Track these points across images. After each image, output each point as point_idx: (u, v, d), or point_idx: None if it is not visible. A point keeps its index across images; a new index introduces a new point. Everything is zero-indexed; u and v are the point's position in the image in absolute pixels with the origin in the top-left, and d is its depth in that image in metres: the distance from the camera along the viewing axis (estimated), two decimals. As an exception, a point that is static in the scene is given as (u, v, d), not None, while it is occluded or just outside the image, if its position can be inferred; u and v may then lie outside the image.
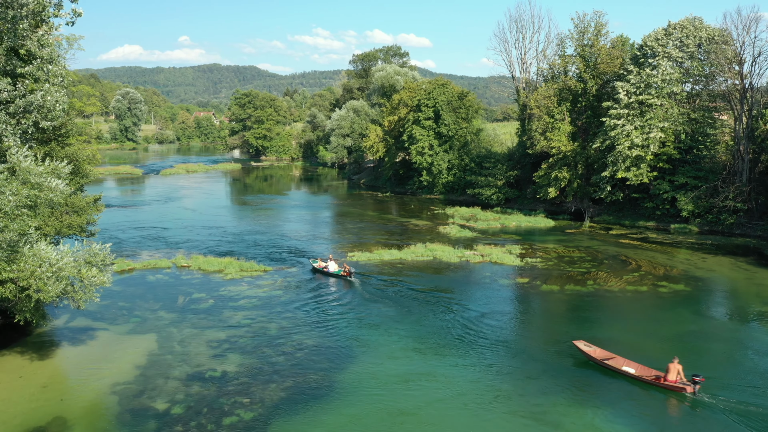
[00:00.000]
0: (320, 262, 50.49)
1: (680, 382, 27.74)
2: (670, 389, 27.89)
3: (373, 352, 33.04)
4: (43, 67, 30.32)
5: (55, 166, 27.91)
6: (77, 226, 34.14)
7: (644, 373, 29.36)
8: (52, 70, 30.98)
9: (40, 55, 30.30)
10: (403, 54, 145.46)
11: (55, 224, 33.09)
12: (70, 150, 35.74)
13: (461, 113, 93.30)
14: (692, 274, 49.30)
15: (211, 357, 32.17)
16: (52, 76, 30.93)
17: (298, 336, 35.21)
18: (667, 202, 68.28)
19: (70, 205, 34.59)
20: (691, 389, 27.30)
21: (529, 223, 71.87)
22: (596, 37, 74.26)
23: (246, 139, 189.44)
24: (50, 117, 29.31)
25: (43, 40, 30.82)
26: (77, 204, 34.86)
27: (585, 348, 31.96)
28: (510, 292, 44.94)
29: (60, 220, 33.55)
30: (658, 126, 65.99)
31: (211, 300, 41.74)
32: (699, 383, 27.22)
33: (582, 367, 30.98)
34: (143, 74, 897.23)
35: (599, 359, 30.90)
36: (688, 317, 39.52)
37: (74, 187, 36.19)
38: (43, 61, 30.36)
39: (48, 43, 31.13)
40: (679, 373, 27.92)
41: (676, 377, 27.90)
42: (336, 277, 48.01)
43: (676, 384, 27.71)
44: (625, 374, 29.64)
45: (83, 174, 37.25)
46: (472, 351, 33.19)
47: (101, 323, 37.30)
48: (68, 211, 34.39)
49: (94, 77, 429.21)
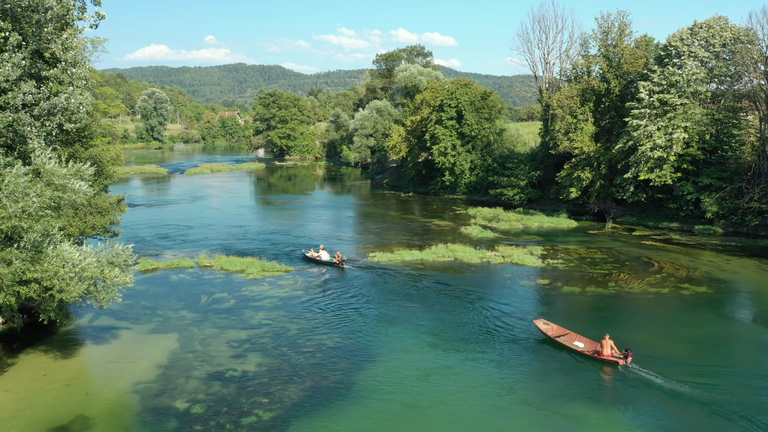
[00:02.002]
0: (312, 252, 53.96)
1: (615, 355, 31.30)
2: (607, 361, 31.35)
3: (393, 352, 33.20)
4: (67, 70, 30.81)
5: (79, 167, 28.37)
6: (101, 226, 34.66)
7: (590, 348, 32.88)
8: (77, 72, 31.45)
9: (64, 58, 30.76)
10: (426, 54, 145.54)
11: (79, 225, 33.61)
12: (94, 151, 36.29)
13: (484, 113, 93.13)
14: (715, 276, 48.88)
15: (232, 357, 32.49)
16: (77, 79, 31.42)
17: (318, 336, 35.44)
18: (691, 203, 67.72)
19: (94, 206, 35.11)
20: (622, 362, 30.86)
21: (551, 223, 71.59)
22: (620, 36, 73.77)
23: (270, 139, 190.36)
24: (74, 119, 29.80)
25: (67, 44, 31.29)
26: (101, 205, 35.39)
27: (543, 326, 35.32)
28: (530, 293, 44.90)
29: (84, 221, 34.05)
30: (681, 126, 65.41)
31: (232, 300, 42.13)
32: (630, 356, 30.75)
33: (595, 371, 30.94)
34: (169, 74, 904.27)
35: (553, 336, 34.33)
36: (711, 320, 39.22)
37: (98, 188, 36.73)
38: (67, 64, 30.84)
39: (72, 46, 31.59)
40: (613, 348, 31.58)
41: (610, 352, 31.52)
42: (329, 266, 51.36)
43: (611, 357, 31.31)
44: (575, 349, 33.02)
45: (107, 175, 37.78)
46: (490, 349, 33.27)
47: (124, 322, 37.80)
48: (92, 212, 34.90)
49: (120, 77, 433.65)
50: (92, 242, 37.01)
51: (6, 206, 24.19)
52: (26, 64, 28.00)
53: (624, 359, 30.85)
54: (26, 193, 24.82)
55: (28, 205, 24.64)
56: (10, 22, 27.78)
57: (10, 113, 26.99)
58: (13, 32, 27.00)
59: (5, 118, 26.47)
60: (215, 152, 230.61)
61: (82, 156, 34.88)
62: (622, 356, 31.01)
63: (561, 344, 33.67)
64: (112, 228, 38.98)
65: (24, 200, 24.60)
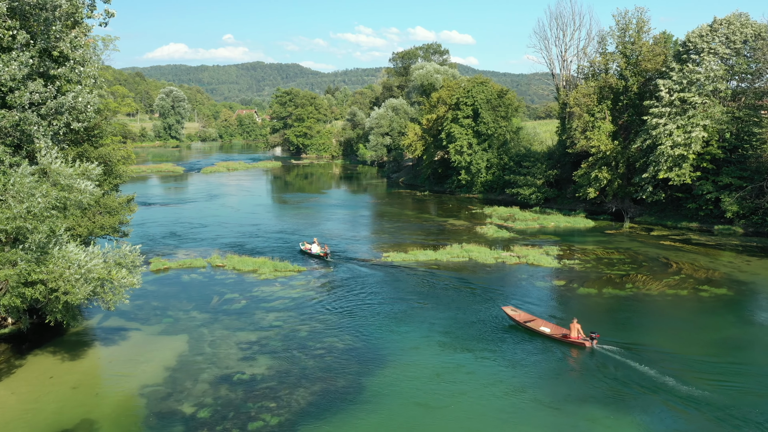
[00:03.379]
0: (306, 244, 56.27)
1: (581, 338, 33.30)
2: (574, 344, 33.44)
3: (404, 353, 32.68)
4: (75, 69, 30.51)
5: (86, 167, 28.04)
6: (109, 226, 34.31)
7: (556, 332, 34.78)
8: (85, 71, 31.13)
9: (72, 56, 30.46)
10: (443, 52, 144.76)
11: (87, 225, 33.30)
12: (103, 151, 35.95)
13: (500, 111, 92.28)
14: (735, 277, 47.90)
15: (241, 359, 32.06)
16: (85, 78, 31.10)
17: (328, 338, 34.95)
18: (710, 202, 66.56)
19: (103, 205, 34.80)
20: (589, 344, 33.04)
21: (568, 223, 70.71)
22: (638, 33, 72.71)
23: (287, 137, 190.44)
24: (81, 118, 29.46)
25: (75, 42, 30.99)
26: (110, 205, 35.08)
27: (511, 313, 37.18)
28: (546, 294, 44.14)
29: (93, 221, 33.72)
30: (701, 125, 64.30)
31: (243, 301, 41.72)
32: (595, 339, 32.94)
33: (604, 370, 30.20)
34: (188, 72, 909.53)
35: (521, 321, 36.15)
36: (731, 323, 38.37)
37: (107, 188, 36.44)
38: (75, 62, 30.54)
39: (80, 44, 31.28)
40: (579, 331, 33.54)
41: (577, 334, 33.50)
42: (317, 258, 53.63)
43: (578, 339, 33.32)
44: (542, 334, 35.00)
45: (117, 174, 37.45)
46: (503, 348, 32.68)
47: (134, 323, 37.50)
48: (101, 212, 34.58)
49: (139, 75, 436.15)
50: (102, 242, 36.84)
51: (11, 207, 23.88)
52: (34, 63, 27.69)
53: (590, 341, 33.00)
54: (32, 193, 24.49)
55: (33, 206, 24.29)
56: (18, 20, 27.49)
57: (17, 113, 26.67)
58: (21, 30, 26.68)
59: (11, 118, 26.15)
60: (232, 151, 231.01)
61: (91, 155, 34.58)
62: (588, 339, 33.11)
63: (529, 329, 35.69)
64: (122, 228, 38.65)
65: (29, 200, 24.27)
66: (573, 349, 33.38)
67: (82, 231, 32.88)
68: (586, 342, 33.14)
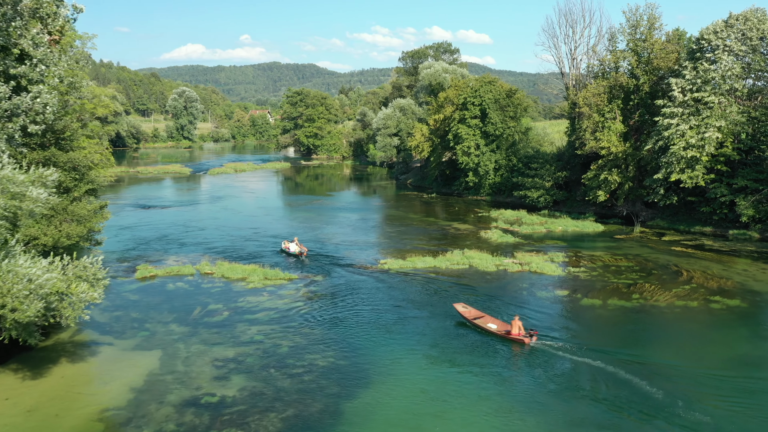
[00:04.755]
0: (286, 243, 56.54)
1: (522, 335, 33.93)
2: (515, 340, 34.02)
3: (390, 373, 30.51)
4: (37, 68, 28.55)
5: (41, 174, 26.05)
6: (76, 235, 32.25)
7: (502, 328, 35.33)
8: (50, 71, 29.20)
9: (34, 54, 28.50)
10: (453, 51, 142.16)
11: (53, 234, 31.27)
12: (74, 155, 33.89)
13: (509, 111, 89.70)
14: (750, 287, 45.25)
15: (213, 379, 29.94)
16: (49, 77, 29.13)
17: (310, 355, 32.78)
18: (725, 206, 63.63)
19: (71, 213, 32.76)
20: (528, 340, 33.73)
21: (577, 227, 68.09)
22: (649, 30, 70.02)
23: (297, 138, 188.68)
24: (39, 120, 27.46)
25: (37, 39, 29.01)
26: (78, 212, 33.01)
27: (462, 309, 37.97)
28: (546, 305, 41.47)
29: (59, 229, 31.71)
30: (715, 125, 61.46)
31: (226, 312, 39.60)
32: (534, 336, 33.87)
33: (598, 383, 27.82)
34: (205, 73, 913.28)
35: (470, 318, 36.83)
36: (744, 338, 35.94)
37: (77, 194, 34.45)
38: (39, 61, 28.59)
39: (43, 42, 29.31)
40: (520, 328, 34.19)
41: (518, 331, 34.10)
42: (293, 257, 54.16)
43: (519, 336, 33.92)
44: (488, 330, 35.55)
45: (88, 180, 35.42)
46: (492, 364, 30.32)
47: (108, 337, 35.54)
48: (68, 220, 32.55)
49: (154, 76, 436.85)
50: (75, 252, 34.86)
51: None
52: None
53: (529, 338, 33.82)
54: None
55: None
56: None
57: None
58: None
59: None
60: (245, 151, 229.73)
61: (59, 160, 32.60)
62: (528, 335, 33.92)
63: (476, 326, 36.33)
64: (94, 237, 36.60)
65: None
66: (514, 345, 34.00)
67: (47, 240, 30.85)
68: (525, 339, 33.85)
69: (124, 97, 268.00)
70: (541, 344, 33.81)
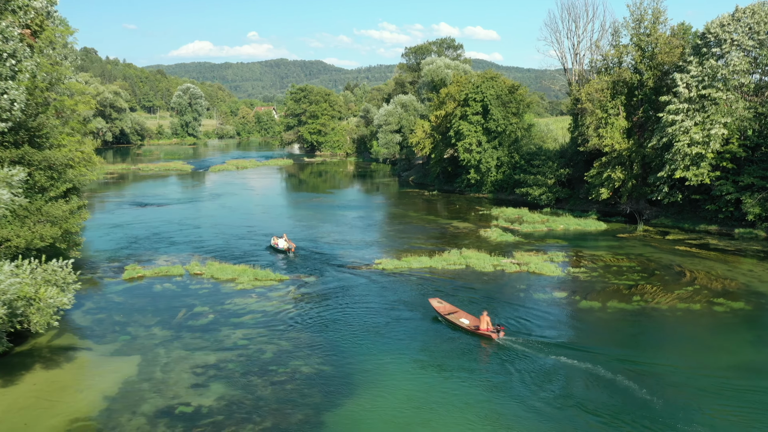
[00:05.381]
0: (275, 239, 56.27)
1: (490, 330, 34.18)
2: (483, 336, 34.17)
3: (377, 382, 29.16)
4: (7, 62, 27.29)
5: (6, 173, 24.83)
6: (50, 237, 30.99)
7: (473, 324, 35.47)
8: (22, 65, 27.95)
9: (3, 49, 27.24)
10: (457, 46, 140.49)
11: (26, 235, 30.03)
12: (50, 153, 32.62)
13: (511, 108, 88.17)
14: (755, 288, 43.71)
15: (191, 387, 28.67)
16: (22, 72, 27.87)
17: (295, 360, 31.49)
18: (730, 204, 61.92)
19: (45, 213, 31.52)
20: (495, 335, 33.90)
21: (579, 226, 66.56)
22: (654, 25, 68.41)
23: (300, 134, 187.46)
24: (5, 117, 26.22)
25: (7, 33, 27.73)
26: (53, 213, 31.76)
27: (436, 305, 38.22)
28: (542, 308, 39.85)
29: (32, 231, 30.47)
30: (721, 121, 59.81)
31: (212, 315, 38.34)
32: (501, 331, 34.08)
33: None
34: (212, 69, 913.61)
35: (444, 314, 37.02)
36: (748, 343, 34.41)
37: (54, 194, 33.23)
38: (9, 56, 27.33)
39: (13, 36, 28.02)
40: (488, 324, 34.47)
41: (486, 326, 34.38)
42: (282, 253, 54.22)
43: (487, 331, 34.15)
44: (460, 326, 35.65)
45: (65, 179, 34.16)
46: (482, 370, 28.96)
47: (87, 341, 34.36)
48: (42, 221, 31.31)
49: (160, 73, 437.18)
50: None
51: None
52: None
53: (496, 333, 33.98)
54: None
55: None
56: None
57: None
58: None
59: None
60: (249, 148, 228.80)
61: (33, 159, 31.37)
62: (495, 330, 34.11)
63: (449, 321, 36.43)
64: (72, 238, 35.34)
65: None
66: (482, 340, 34.05)
67: (20, 242, 29.62)
68: (493, 334, 34.02)
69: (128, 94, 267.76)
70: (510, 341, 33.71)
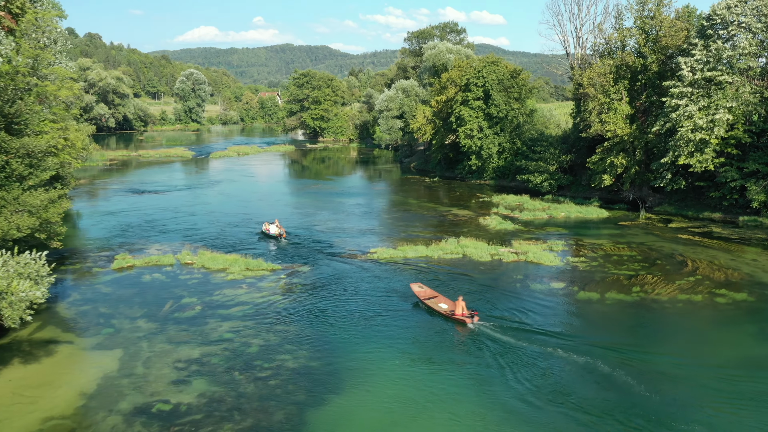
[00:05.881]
0: (266, 225, 56.11)
1: (465, 315, 34.55)
2: (458, 320, 34.53)
3: (363, 373, 28.38)
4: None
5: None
6: (27, 227, 30.00)
7: (450, 309, 35.73)
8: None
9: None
10: (459, 31, 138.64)
11: (2, 226, 29.03)
12: (29, 141, 31.55)
13: (513, 93, 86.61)
14: (759, 279, 42.52)
15: (171, 383, 27.74)
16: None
17: (281, 355, 30.53)
18: (735, 191, 60.47)
19: (22, 203, 30.51)
20: (470, 320, 34.20)
21: (580, 213, 65.30)
22: (658, 7, 66.82)
23: (303, 120, 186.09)
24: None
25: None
26: (30, 202, 30.74)
27: (417, 289, 38.66)
28: (539, 298, 38.75)
29: (9, 221, 29.47)
30: (726, 106, 58.33)
31: (199, 306, 37.38)
32: (476, 316, 34.38)
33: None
34: (217, 55, 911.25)
35: (424, 298, 37.46)
36: (750, 337, 33.43)
37: (33, 182, 32.21)
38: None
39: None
40: (463, 309, 34.84)
41: (462, 311, 34.74)
42: (273, 239, 54.09)
43: (462, 316, 34.48)
44: (438, 310, 35.96)
45: (45, 167, 33.13)
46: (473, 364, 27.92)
47: (69, 334, 33.47)
48: (19, 210, 30.30)
49: (165, 58, 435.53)
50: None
51: None
52: None
53: (471, 318, 34.31)
54: None
55: None
56: None
57: None
58: None
59: None
60: (253, 134, 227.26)
61: (11, 146, 30.33)
62: (470, 316, 34.42)
63: (428, 306, 36.76)
64: (52, 228, 34.30)
65: None
66: (458, 325, 34.32)
67: (-6, 232, 28.63)
68: (467, 319, 34.32)
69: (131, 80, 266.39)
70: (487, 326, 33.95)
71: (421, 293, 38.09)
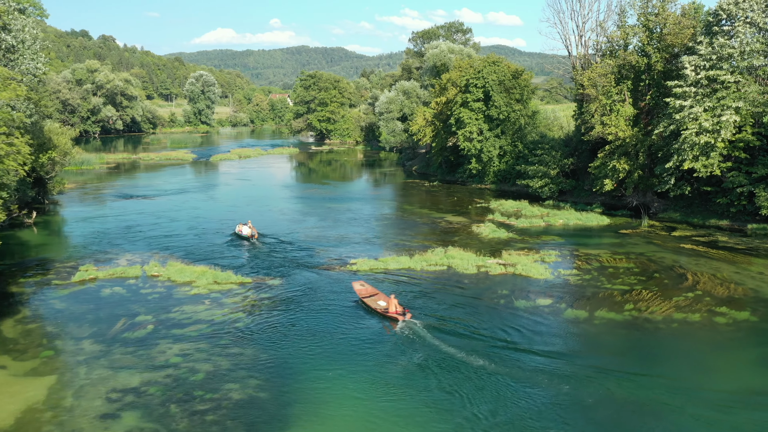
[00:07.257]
0: (240, 226, 55.66)
1: (398, 312, 34.71)
2: (391, 318, 34.58)
3: (314, 411, 25.25)
4: None
5: None
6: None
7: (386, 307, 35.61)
8: None
9: None
10: (465, 30, 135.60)
11: None
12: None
13: (515, 94, 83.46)
14: (763, 295, 39.10)
15: (98, 417, 24.87)
16: None
17: (227, 384, 27.57)
18: (743, 197, 56.86)
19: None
20: (402, 318, 34.31)
21: (579, 220, 61.97)
22: (663, 3, 63.47)
23: (310, 122, 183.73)
24: None
25: None
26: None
27: (358, 287, 38.77)
28: (519, 317, 35.39)
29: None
30: (732, 107, 54.86)
31: (152, 325, 34.53)
32: (408, 313, 34.63)
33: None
34: (233, 57, 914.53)
35: (363, 297, 37.54)
36: (750, 364, 30.07)
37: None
38: None
39: None
40: (396, 306, 35.02)
41: (394, 309, 34.87)
42: (245, 239, 53.82)
43: (395, 314, 34.59)
44: (375, 309, 35.94)
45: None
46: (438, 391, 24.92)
47: (4, 358, 30.69)
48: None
49: (178, 60, 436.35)
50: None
51: None
52: None
53: (403, 316, 34.49)
54: None
55: None
56: None
57: None
58: None
59: None
60: (262, 136, 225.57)
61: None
62: (402, 313, 34.66)
63: (366, 305, 36.75)
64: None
65: None
66: (392, 322, 34.33)
67: None
68: (399, 316, 34.42)
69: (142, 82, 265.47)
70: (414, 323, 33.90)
71: (361, 291, 38.51)
